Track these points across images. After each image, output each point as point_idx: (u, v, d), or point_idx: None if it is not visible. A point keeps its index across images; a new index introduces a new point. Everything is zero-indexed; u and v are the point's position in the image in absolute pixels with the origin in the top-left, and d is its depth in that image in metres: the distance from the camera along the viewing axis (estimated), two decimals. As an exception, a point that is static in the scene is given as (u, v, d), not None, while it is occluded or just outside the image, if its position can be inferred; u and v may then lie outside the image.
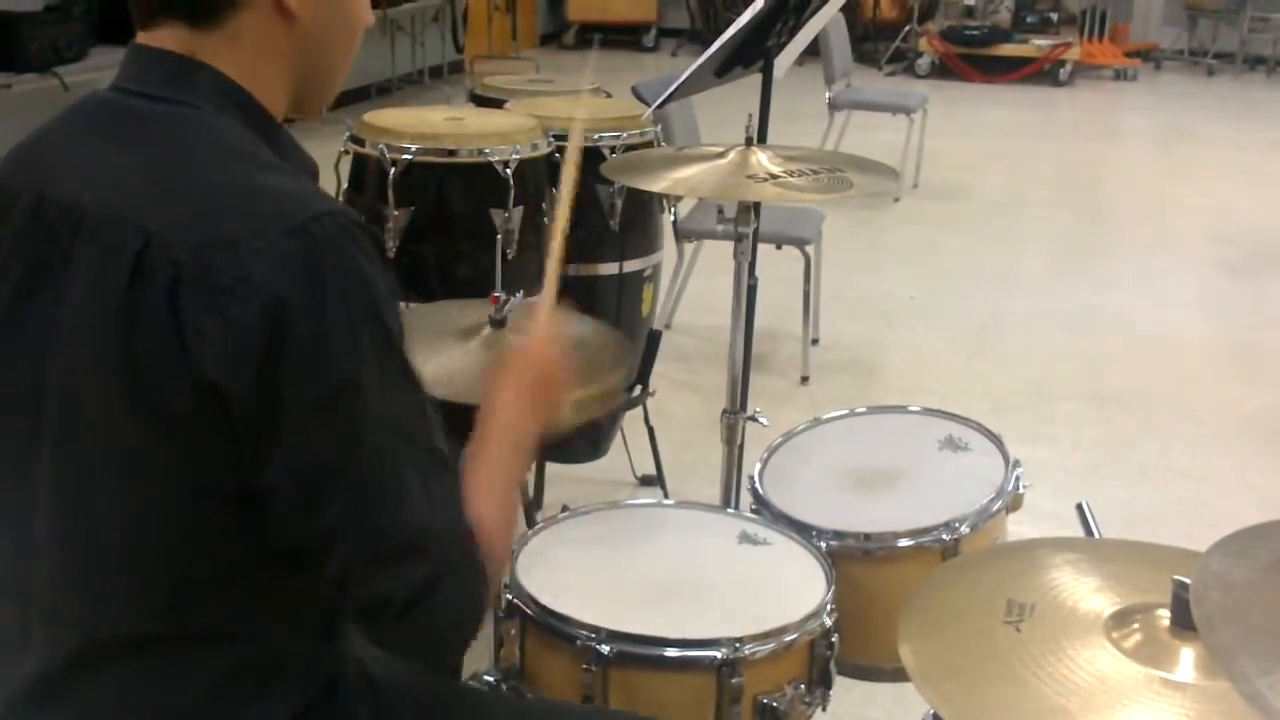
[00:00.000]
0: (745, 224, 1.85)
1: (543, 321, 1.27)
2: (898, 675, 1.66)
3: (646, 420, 2.83)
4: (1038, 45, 9.10)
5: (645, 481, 2.96)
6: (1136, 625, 1.15)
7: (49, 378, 1.00)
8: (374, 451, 0.97)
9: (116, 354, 0.95)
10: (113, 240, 0.96)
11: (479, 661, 1.56)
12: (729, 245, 1.91)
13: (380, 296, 0.98)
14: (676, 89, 2.08)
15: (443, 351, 1.71)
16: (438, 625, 1.02)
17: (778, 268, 3.42)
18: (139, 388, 0.95)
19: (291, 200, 0.97)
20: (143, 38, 1.04)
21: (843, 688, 1.52)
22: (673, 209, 3.43)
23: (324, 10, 1.06)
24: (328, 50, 1.08)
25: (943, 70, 9.16)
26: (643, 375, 2.68)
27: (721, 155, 1.85)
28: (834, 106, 5.82)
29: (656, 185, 1.85)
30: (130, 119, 1.02)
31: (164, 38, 1.03)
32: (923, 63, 9.22)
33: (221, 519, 0.98)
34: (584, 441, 2.81)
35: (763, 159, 1.82)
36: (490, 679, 1.50)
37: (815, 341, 3.91)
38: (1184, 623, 1.10)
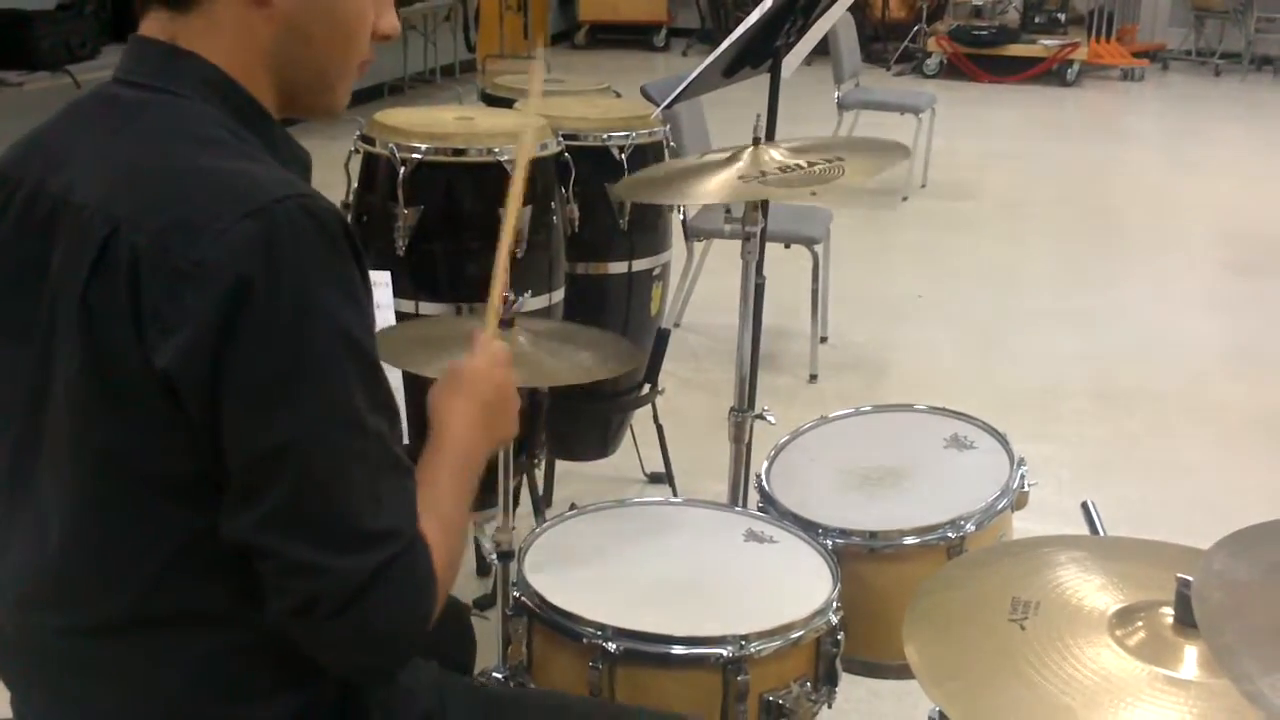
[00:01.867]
0: (752, 223, 1.86)
1: (487, 345, 1.24)
2: (904, 672, 1.65)
3: (655, 418, 2.84)
4: (1045, 45, 9.09)
5: (654, 479, 2.97)
6: (1140, 623, 1.15)
7: (39, 373, 1.00)
8: (319, 443, 0.94)
9: (82, 342, 0.95)
10: (86, 228, 0.96)
11: (487, 659, 1.58)
12: (738, 244, 1.91)
13: (340, 286, 0.96)
14: (685, 89, 2.08)
15: (452, 354, 1.71)
16: (372, 628, 0.97)
17: (786, 267, 3.43)
18: (101, 376, 0.95)
19: (256, 185, 0.96)
20: (140, 29, 1.05)
21: (848, 683, 1.53)
22: (682, 207, 3.44)
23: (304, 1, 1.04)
24: (312, 45, 1.06)
25: (951, 70, 9.15)
26: (652, 374, 2.69)
27: (729, 160, 1.83)
28: (843, 106, 5.82)
29: (670, 198, 1.83)
30: (120, 108, 1.03)
31: (151, 25, 1.04)
32: (931, 63, 9.21)
33: (191, 509, 0.97)
34: (594, 438, 2.82)
35: (774, 155, 1.81)
36: (498, 676, 1.52)
37: (824, 340, 3.92)
38: (1187, 620, 1.10)
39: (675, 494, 2.80)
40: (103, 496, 0.99)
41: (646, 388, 2.72)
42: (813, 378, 3.72)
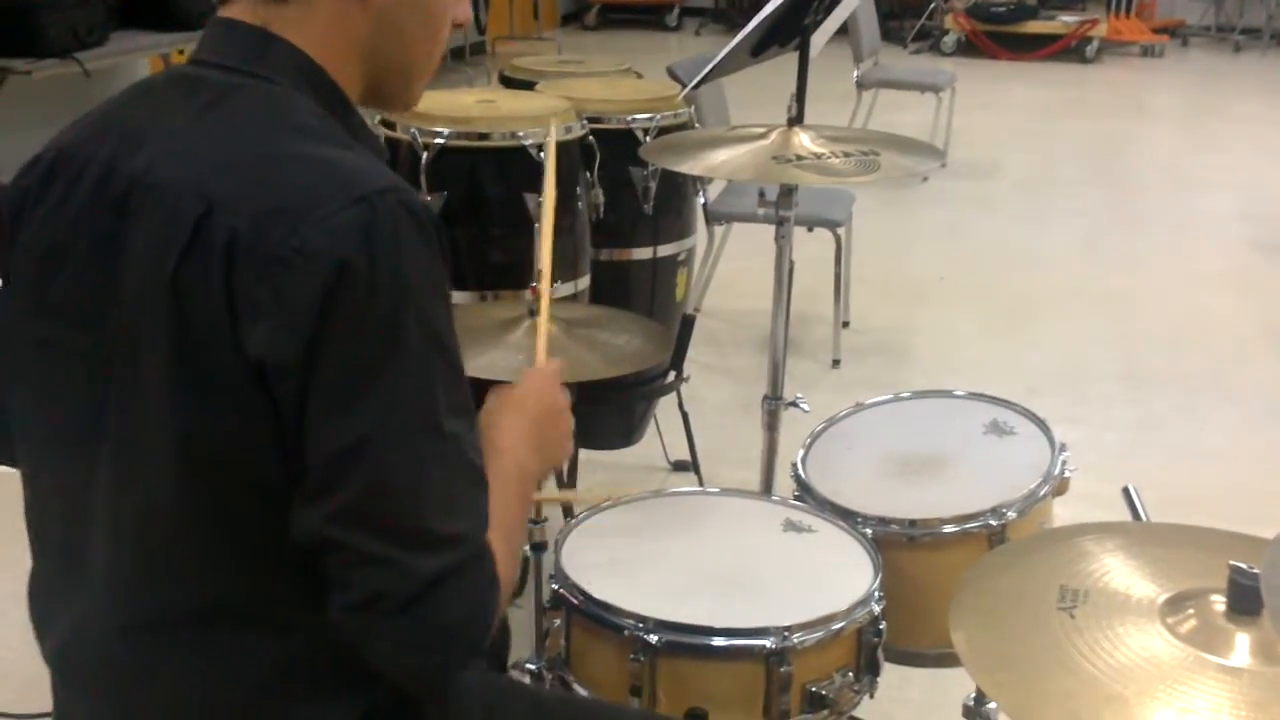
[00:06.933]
0: (786, 207, 1.84)
1: (540, 366, 1.26)
2: (941, 660, 1.65)
3: (680, 405, 2.81)
4: (1064, 22, 9.02)
5: (678, 467, 2.95)
6: (1191, 610, 1.14)
7: (110, 349, 0.99)
8: (398, 439, 0.93)
9: (170, 323, 0.94)
10: (175, 207, 0.95)
11: (519, 650, 1.56)
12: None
13: (434, 285, 0.96)
14: (713, 69, 2.05)
15: (485, 346, 1.70)
16: (432, 628, 0.96)
17: (806, 250, 3.39)
18: (189, 359, 0.94)
19: (358, 173, 0.95)
20: (222, 10, 1.04)
21: (880, 669, 1.52)
22: (703, 191, 3.41)
23: None
24: (403, 38, 1.06)
25: (969, 48, 9.09)
26: (677, 361, 2.67)
27: (762, 136, 1.83)
28: (862, 85, 5.77)
29: (696, 168, 1.84)
30: (205, 91, 1.01)
31: (239, 9, 1.03)
32: (949, 40, 9.15)
33: (270, 508, 0.96)
34: (618, 427, 2.80)
35: (805, 139, 1.80)
36: (532, 667, 1.51)
37: (846, 324, 3.89)
38: (1240, 608, 1.09)
39: (700, 482, 2.79)
40: (181, 487, 0.97)
41: (672, 374, 2.70)
42: (835, 363, 3.69)
